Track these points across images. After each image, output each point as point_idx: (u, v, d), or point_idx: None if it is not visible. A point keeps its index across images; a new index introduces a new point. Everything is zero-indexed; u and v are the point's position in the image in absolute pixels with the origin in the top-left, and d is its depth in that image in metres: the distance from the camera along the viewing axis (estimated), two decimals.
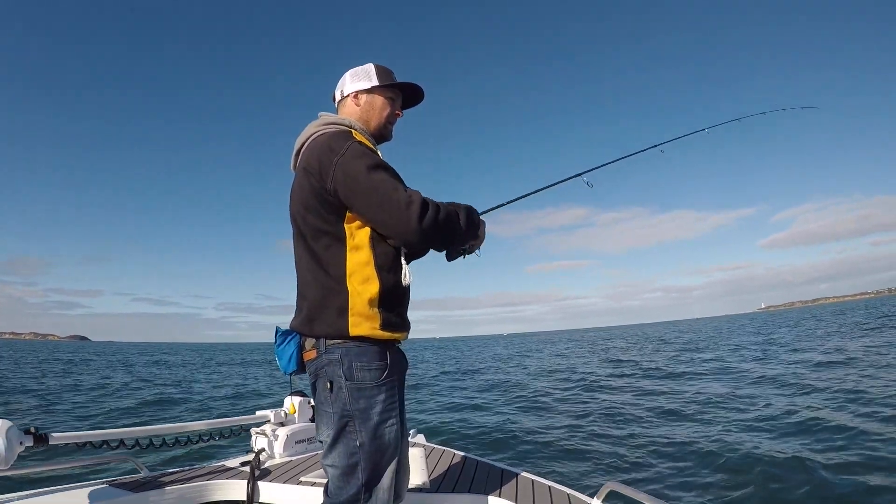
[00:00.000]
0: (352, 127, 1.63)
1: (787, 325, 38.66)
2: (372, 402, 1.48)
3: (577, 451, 6.43)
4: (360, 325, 1.48)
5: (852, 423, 6.57)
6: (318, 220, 1.52)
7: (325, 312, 1.50)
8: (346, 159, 1.46)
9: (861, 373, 10.74)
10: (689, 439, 6.48)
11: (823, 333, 24.39)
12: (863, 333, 21.79)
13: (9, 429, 1.86)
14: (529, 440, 7.05)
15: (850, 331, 24.09)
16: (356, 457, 1.46)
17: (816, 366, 12.71)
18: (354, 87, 1.72)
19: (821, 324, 34.21)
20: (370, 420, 1.47)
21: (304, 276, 1.58)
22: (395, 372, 1.56)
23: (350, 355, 1.48)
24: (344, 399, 1.47)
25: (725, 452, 5.73)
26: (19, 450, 1.90)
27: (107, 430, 2.43)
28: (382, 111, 1.72)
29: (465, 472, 2.62)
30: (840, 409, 7.51)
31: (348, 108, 1.73)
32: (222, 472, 2.62)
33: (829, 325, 31.11)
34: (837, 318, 41.82)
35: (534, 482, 2.46)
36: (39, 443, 2.01)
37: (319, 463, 2.83)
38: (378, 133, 1.73)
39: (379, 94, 1.72)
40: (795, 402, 8.35)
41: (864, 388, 8.80)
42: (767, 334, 29.44)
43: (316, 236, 1.53)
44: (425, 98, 1.83)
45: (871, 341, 17.63)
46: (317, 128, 1.64)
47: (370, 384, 1.49)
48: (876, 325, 26.89)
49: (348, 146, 1.49)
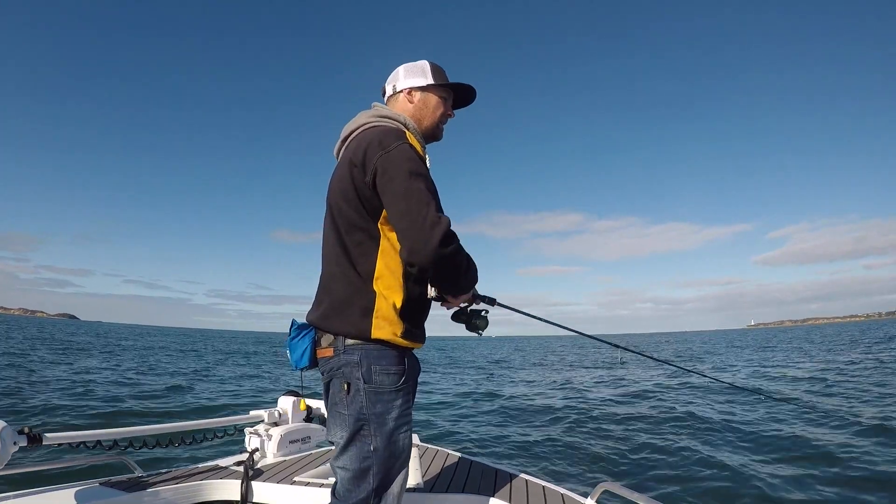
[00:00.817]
0: (406, 126, 1.59)
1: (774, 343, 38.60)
2: (389, 407, 1.45)
3: (572, 451, 6.46)
4: (382, 329, 1.45)
5: (843, 437, 6.64)
6: (355, 214, 1.48)
7: (349, 310, 1.46)
8: (391, 157, 1.41)
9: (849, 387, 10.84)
10: (683, 442, 6.52)
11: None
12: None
13: (2, 429, 1.86)
14: (523, 441, 7.07)
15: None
16: (369, 461, 1.43)
17: (796, 380, 12.80)
18: (409, 83, 1.67)
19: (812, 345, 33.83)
20: (386, 425, 1.44)
21: (330, 268, 1.54)
22: (411, 377, 1.54)
23: (370, 358, 1.45)
24: (361, 402, 1.44)
25: (719, 455, 5.78)
26: (13, 450, 1.90)
27: (101, 430, 2.42)
28: (436, 110, 1.69)
29: (458, 472, 2.64)
30: (831, 424, 7.58)
31: (401, 105, 1.69)
32: (216, 472, 2.62)
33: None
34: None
35: (528, 482, 2.48)
36: (33, 443, 2.01)
37: (314, 463, 2.84)
38: (430, 132, 1.70)
39: (433, 92, 1.68)
40: (784, 414, 8.42)
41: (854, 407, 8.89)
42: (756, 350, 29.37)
43: (350, 230, 1.49)
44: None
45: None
46: (369, 118, 1.60)
47: (388, 388, 1.46)
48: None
49: (398, 145, 1.44)
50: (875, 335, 38.50)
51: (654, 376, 14.03)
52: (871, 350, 22.17)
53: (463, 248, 1.45)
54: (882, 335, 37.86)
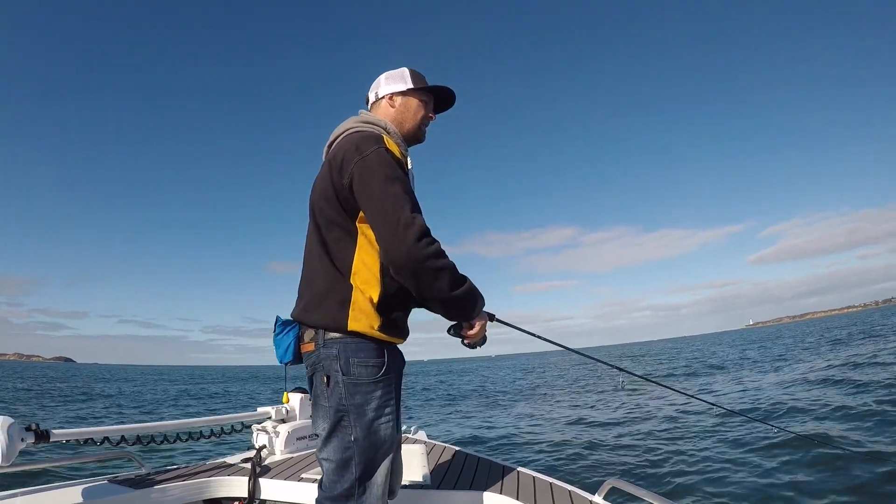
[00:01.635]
0: (386, 130, 1.65)
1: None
2: (368, 398, 1.49)
3: (579, 449, 6.45)
4: (359, 321, 1.49)
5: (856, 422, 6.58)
6: (333, 213, 1.54)
7: (327, 303, 1.52)
8: (367, 162, 1.47)
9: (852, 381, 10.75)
10: (691, 441, 6.49)
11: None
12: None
13: (10, 425, 1.86)
14: (531, 439, 7.06)
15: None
16: (350, 451, 1.47)
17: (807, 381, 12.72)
18: (389, 89, 1.75)
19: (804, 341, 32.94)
20: (365, 416, 1.48)
21: (311, 264, 1.60)
22: (392, 369, 1.56)
23: (348, 351, 1.49)
24: (340, 394, 1.48)
25: (726, 453, 5.74)
26: (21, 446, 1.90)
27: (108, 427, 2.43)
28: (417, 113, 1.76)
29: (466, 469, 2.62)
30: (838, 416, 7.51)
31: (383, 110, 1.76)
32: (223, 469, 2.62)
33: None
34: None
35: (535, 479, 2.46)
36: (41, 439, 2.01)
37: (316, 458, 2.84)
38: (412, 135, 1.76)
39: (413, 96, 1.76)
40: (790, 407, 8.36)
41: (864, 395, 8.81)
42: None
43: (329, 227, 1.55)
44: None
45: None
46: (353, 124, 1.66)
47: (367, 380, 1.50)
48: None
49: (374, 150, 1.49)
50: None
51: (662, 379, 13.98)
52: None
53: (448, 257, 1.48)
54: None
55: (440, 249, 1.45)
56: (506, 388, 15.27)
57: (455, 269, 1.50)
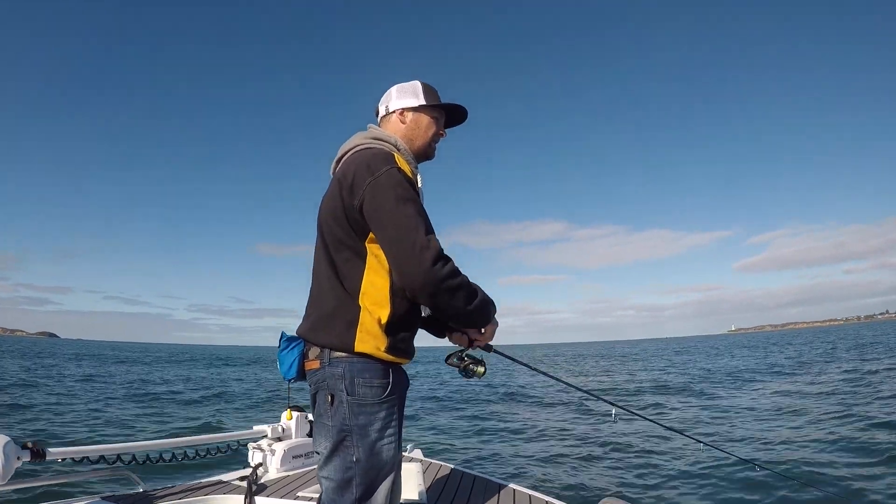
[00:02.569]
0: (396, 147, 1.62)
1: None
2: (372, 419, 1.47)
3: (574, 464, 6.40)
4: (366, 343, 1.47)
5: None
6: (342, 233, 1.51)
7: (334, 323, 1.50)
8: (379, 183, 1.44)
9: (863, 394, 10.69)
10: (686, 454, 6.45)
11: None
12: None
13: (6, 444, 1.87)
14: (526, 456, 7.01)
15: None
16: (351, 472, 1.46)
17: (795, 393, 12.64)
18: (401, 103, 1.71)
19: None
20: (368, 437, 1.47)
21: (320, 283, 1.58)
22: (396, 391, 1.55)
23: (353, 371, 1.47)
24: (344, 413, 1.46)
25: (723, 467, 5.71)
26: (17, 465, 1.90)
27: (104, 445, 2.43)
28: (428, 130, 1.72)
29: (462, 487, 2.62)
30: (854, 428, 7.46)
31: (393, 125, 1.72)
32: (219, 487, 2.61)
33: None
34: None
35: (531, 497, 2.46)
36: (37, 457, 2.01)
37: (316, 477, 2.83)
38: (422, 152, 1.73)
39: (425, 113, 1.72)
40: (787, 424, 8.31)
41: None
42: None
43: (338, 247, 1.53)
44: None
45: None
46: (362, 140, 1.64)
47: (371, 401, 1.48)
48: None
49: (386, 171, 1.46)
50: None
51: (654, 391, 13.86)
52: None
53: (462, 273, 1.47)
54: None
55: (454, 269, 1.44)
56: (490, 396, 15.12)
57: (469, 284, 1.50)
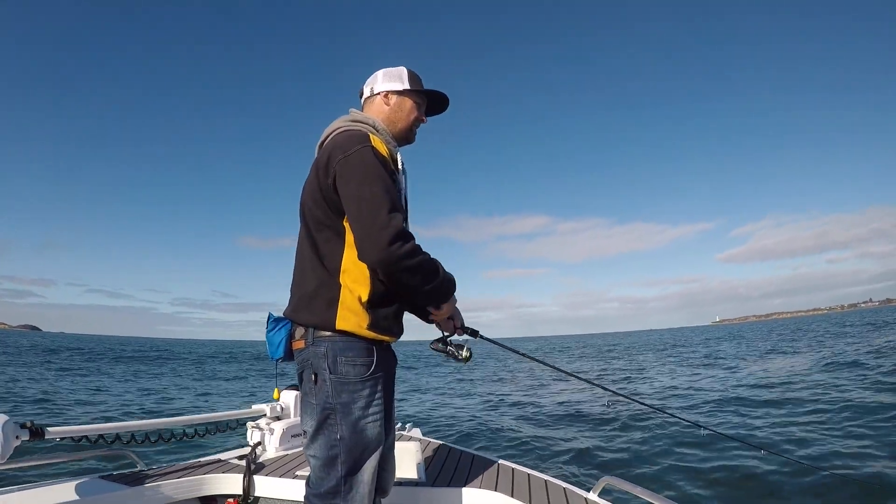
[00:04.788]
0: (374, 128, 1.65)
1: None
2: (355, 397, 1.51)
3: (573, 445, 6.48)
4: (347, 320, 1.51)
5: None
6: (321, 213, 1.55)
7: (316, 302, 1.54)
8: (349, 161, 1.48)
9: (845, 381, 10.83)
10: (684, 436, 6.53)
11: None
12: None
13: (4, 423, 1.86)
14: (525, 437, 7.09)
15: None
16: (336, 449, 1.50)
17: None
18: (386, 86, 1.75)
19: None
20: (351, 414, 1.50)
21: (302, 265, 1.62)
22: (381, 369, 1.58)
23: (336, 349, 1.51)
24: (327, 391, 1.51)
25: (722, 449, 5.78)
26: (15, 444, 1.90)
27: (103, 425, 2.43)
28: (410, 114, 1.77)
29: (461, 467, 2.64)
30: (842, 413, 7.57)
31: (376, 107, 1.76)
32: (218, 466, 2.63)
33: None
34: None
35: (530, 476, 2.48)
36: (36, 437, 2.01)
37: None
38: (403, 135, 1.77)
39: (409, 97, 1.76)
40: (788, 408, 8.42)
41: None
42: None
43: (318, 227, 1.57)
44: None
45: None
46: (342, 123, 1.67)
47: (354, 379, 1.52)
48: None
49: (357, 149, 1.50)
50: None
51: (651, 375, 14.02)
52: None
53: (424, 253, 1.51)
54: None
55: (414, 248, 1.46)
56: (485, 378, 15.24)
57: (427, 264, 1.53)
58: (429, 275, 1.53)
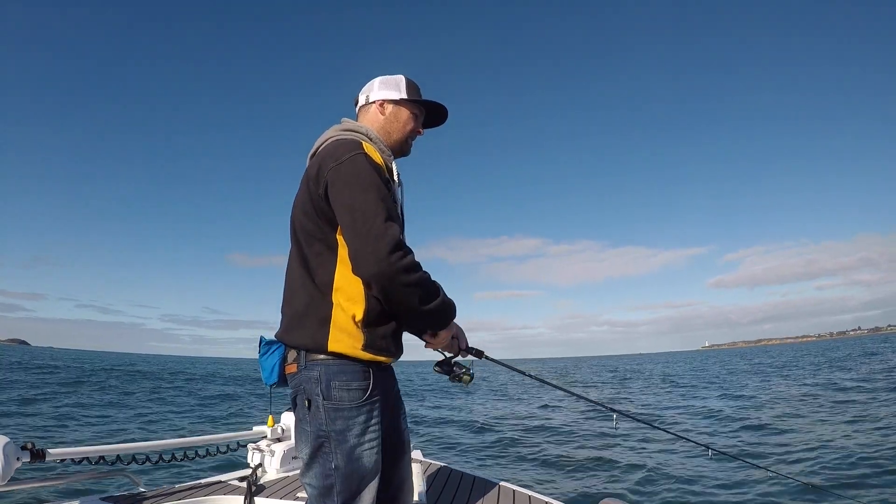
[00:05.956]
0: (367, 136, 1.56)
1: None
2: (350, 424, 1.40)
3: (574, 467, 6.40)
4: (340, 342, 1.41)
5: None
6: (312, 226, 1.46)
7: (307, 321, 1.44)
8: (342, 169, 1.39)
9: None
10: (688, 458, 6.45)
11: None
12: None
13: (5, 445, 1.87)
14: (528, 458, 7.01)
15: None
16: (331, 479, 1.39)
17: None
18: (383, 95, 1.65)
19: None
20: (346, 442, 1.39)
21: (292, 281, 1.52)
22: (377, 392, 1.47)
23: (329, 373, 1.41)
24: (321, 419, 1.40)
25: (725, 470, 5.71)
26: (17, 465, 1.90)
27: (104, 446, 2.42)
28: (406, 125, 1.67)
29: (461, 488, 2.62)
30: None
31: (371, 116, 1.66)
32: (219, 488, 2.61)
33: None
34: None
35: (531, 498, 2.46)
36: (36, 458, 2.01)
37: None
38: (398, 147, 1.67)
39: (406, 107, 1.67)
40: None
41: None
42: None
43: (309, 242, 1.47)
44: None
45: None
46: (333, 132, 1.59)
47: (348, 405, 1.40)
48: None
49: (350, 157, 1.41)
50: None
51: (648, 397, 13.87)
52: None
53: (422, 269, 1.40)
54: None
55: (413, 262, 1.36)
56: (486, 399, 15.07)
57: (427, 283, 1.42)
58: (428, 294, 1.41)
